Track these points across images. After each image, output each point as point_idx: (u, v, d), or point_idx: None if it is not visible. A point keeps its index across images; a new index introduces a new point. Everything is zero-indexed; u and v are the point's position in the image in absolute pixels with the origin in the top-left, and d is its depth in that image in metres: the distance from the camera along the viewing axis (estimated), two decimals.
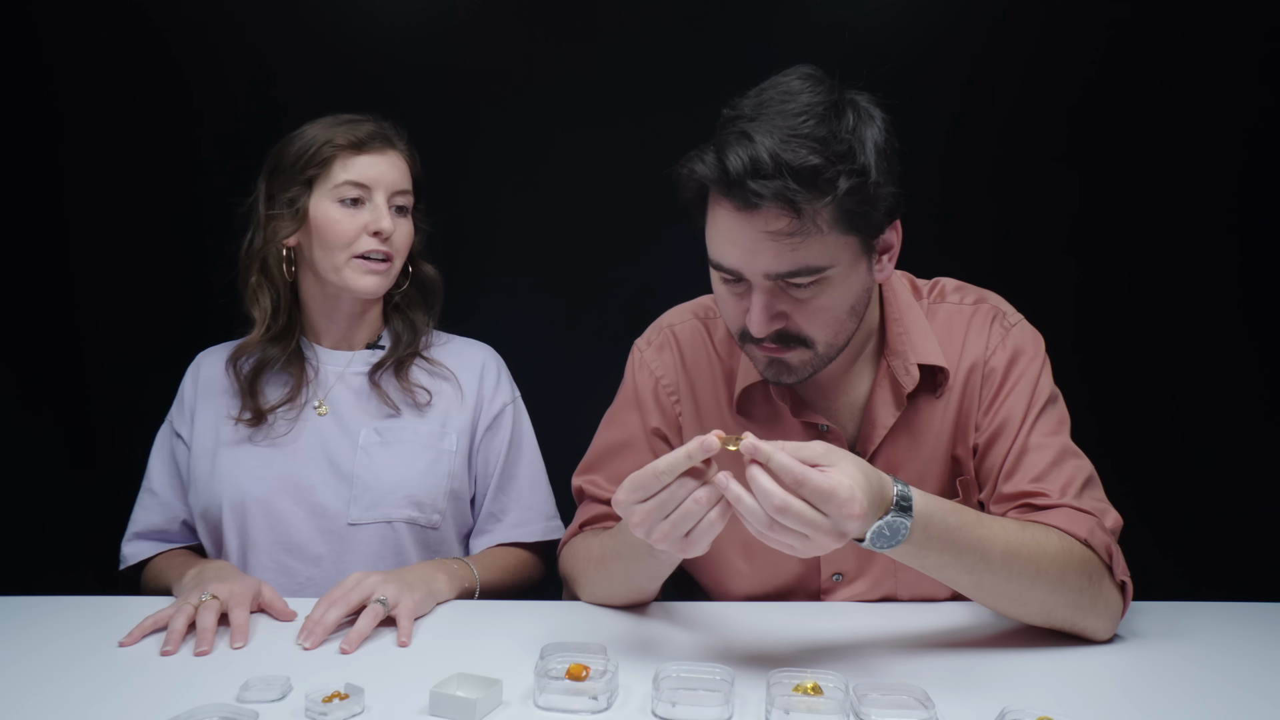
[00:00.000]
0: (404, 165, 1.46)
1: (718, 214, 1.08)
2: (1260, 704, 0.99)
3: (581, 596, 1.28)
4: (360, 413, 1.44)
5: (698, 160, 1.07)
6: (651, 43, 1.93)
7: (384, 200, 1.41)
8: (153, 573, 1.45)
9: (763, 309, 1.09)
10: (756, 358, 1.18)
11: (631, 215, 1.95)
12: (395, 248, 1.43)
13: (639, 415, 1.33)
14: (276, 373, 1.45)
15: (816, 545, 0.91)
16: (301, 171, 1.40)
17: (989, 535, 1.04)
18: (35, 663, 1.07)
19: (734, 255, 1.08)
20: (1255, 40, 1.86)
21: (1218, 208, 1.91)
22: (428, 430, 1.44)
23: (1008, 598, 1.08)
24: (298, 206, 1.40)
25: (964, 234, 1.86)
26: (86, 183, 1.96)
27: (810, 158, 1.01)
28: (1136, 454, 1.83)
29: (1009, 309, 1.29)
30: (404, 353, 1.48)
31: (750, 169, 1.01)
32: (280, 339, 1.44)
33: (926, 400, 1.25)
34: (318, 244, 1.41)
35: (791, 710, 0.89)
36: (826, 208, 1.04)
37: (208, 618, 1.11)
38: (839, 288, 1.10)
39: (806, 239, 1.04)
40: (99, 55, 1.92)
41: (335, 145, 1.40)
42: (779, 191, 1.01)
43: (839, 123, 1.05)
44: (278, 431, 1.42)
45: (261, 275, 1.43)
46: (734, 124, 1.06)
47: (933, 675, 1.01)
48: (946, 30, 1.89)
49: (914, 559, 1.01)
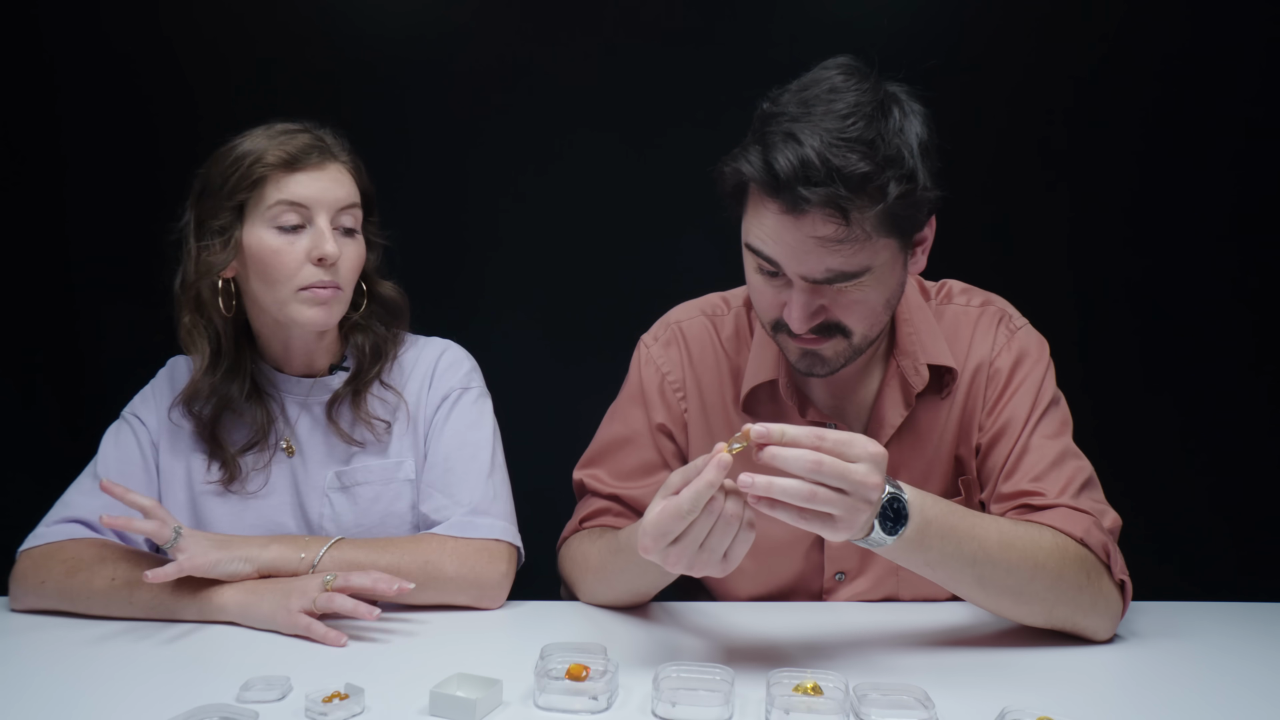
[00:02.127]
0: (348, 179, 1.30)
1: (762, 212, 1.06)
2: (1260, 704, 0.99)
3: (581, 598, 1.28)
4: (323, 454, 1.35)
5: (743, 159, 1.05)
6: (652, 47, 1.93)
7: (326, 222, 1.26)
8: (60, 562, 1.21)
9: (802, 307, 1.08)
10: (790, 349, 1.16)
11: (632, 219, 1.95)
12: (342, 275, 1.28)
13: (644, 411, 1.32)
14: (238, 416, 1.33)
15: (851, 511, 0.91)
16: (230, 196, 1.25)
17: (984, 527, 1.04)
18: (36, 662, 1.07)
19: (776, 252, 1.07)
20: (1254, 41, 1.86)
21: (1218, 207, 1.91)
22: (381, 465, 1.35)
23: (1010, 594, 1.08)
24: (229, 236, 1.25)
25: (963, 235, 1.86)
26: (87, 182, 1.97)
27: (860, 164, 0.99)
28: (1135, 454, 1.83)
29: (1014, 312, 1.30)
30: (364, 376, 1.36)
31: (800, 173, 0.99)
32: (232, 376, 1.31)
33: (932, 400, 1.26)
34: (256, 277, 1.27)
35: (791, 710, 0.89)
36: (874, 214, 1.02)
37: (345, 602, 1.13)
38: (877, 285, 1.09)
39: (851, 244, 1.03)
40: (101, 55, 1.93)
41: (266, 164, 1.24)
42: (829, 197, 0.99)
43: (885, 123, 1.03)
44: (251, 486, 1.33)
45: (195, 314, 1.29)
46: (777, 122, 1.03)
47: (933, 675, 1.01)
48: (945, 31, 1.89)
49: (915, 552, 1.00)
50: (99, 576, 1.19)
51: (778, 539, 1.25)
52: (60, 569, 1.21)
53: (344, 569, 1.19)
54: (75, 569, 1.20)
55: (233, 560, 1.17)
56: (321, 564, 1.20)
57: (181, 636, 1.14)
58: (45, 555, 1.23)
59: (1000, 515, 1.18)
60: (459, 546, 1.26)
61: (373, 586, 1.15)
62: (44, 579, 1.21)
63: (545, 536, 1.39)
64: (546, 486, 1.47)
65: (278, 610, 1.14)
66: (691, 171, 1.93)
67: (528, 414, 1.58)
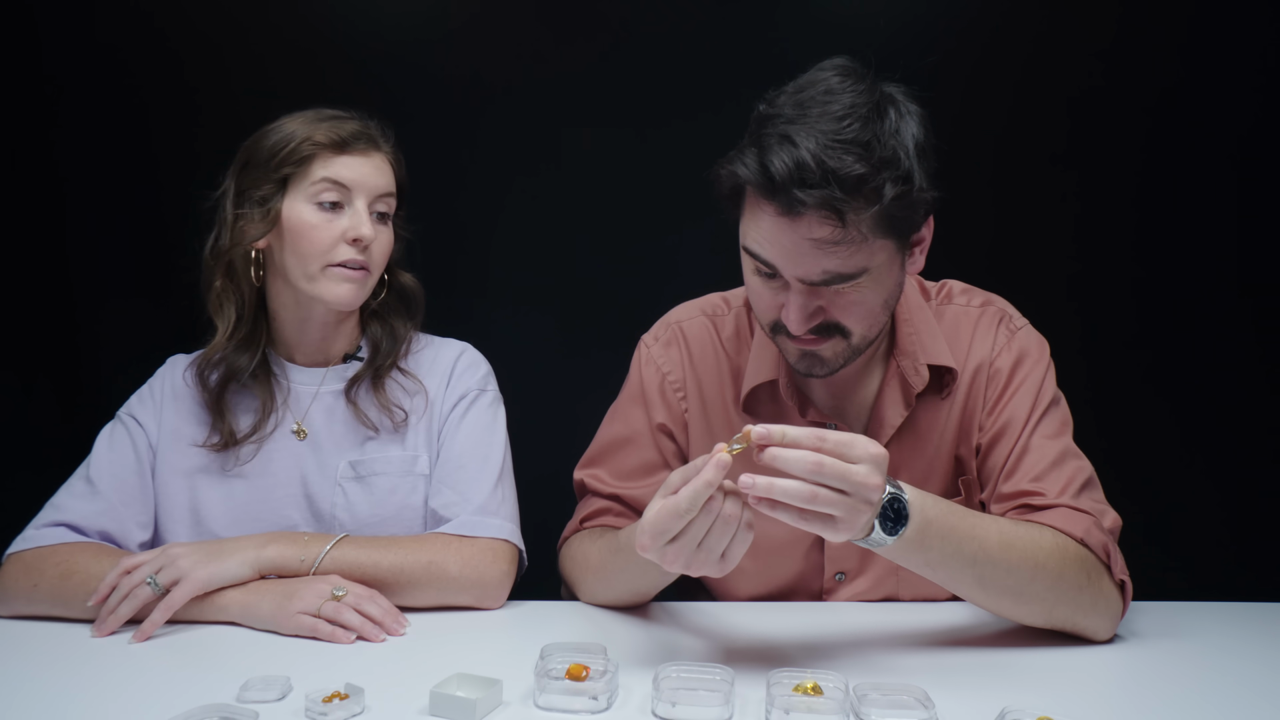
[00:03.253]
0: (389, 169, 1.36)
1: (758, 214, 1.07)
2: (1260, 704, 0.99)
3: (581, 598, 1.29)
4: (338, 438, 1.36)
5: (739, 162, 1.05)
6: (654, 44, 1.93)
7: (365, 205, 1.31)
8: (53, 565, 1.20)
9: (799, 309, 1.09)
10: (789, 350, 1.16)
11: (633, 217, 1.95)
12: (373, 258, 1.33)
13: (644, 410, 1.33)
14: (244, 392, 1.35)
15: (852, 512, 0.91)
16: (276, 169, 1.29)
17: (984, 527, 1.05)
18: (35, 663, 1.07)
19: (773, 255, 1.07)
20: (1255, 40, 1.86)
21: (1217, 208, 1.91)
22: (400, 456, 1.36)
23: (1010, 594, 1.07)
24: (269, 207, 1.29)
25: (962, 235, 1.86)
26: (87, 181, 1.96)
27: (856, 166, 1.00)
28: (1136, 454, 1.83)
29: (1015, 313, 1.31)
30: (382, 363, 1.38)
31: (795, 175, 1.00)
32: (245, 347, 1.34)
33: (932, 400, 1.26)
34: (290, 249, 1.30)
35: (791, 710, 0.89)
36: (870, 215, 1.02)
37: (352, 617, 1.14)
38: (875, 285, 1.10)
39: (848, 246, 1.03)
40: (100, 55, 1.93)
41: (315, 143, 1.29)
42: (824, 199, 1.00)
43: (881, 124, 1.03)
44: (243, 457, 1.33)
45: (227, 280, 1.32)
46: (773, 124, 1.04)
47: (933, 675, 1.01)
48: (945, 31, 1.89)
49: (916, 552, 1.00)
50: (95, 580, 1.17)
51: (777, 539, 1.25)
52: (54, 572, 1.20)
53: (348, 569, 1.20)
54: (69, 573, 1.20)
55: (227, 570, 1.17)
56: (323, 564, 1.20)
57: (182, 637, 1.14)
58: (37, 559, 1.22)
59: (1001, 515, 1.18)
60: (463, 547, 1.26)
61: (360, 628, 1.13)
62: (36, 582, 1.20)
63: (544, 537, 1.39)
64: (546, 486, 1.47)
65: (278, 613, 1.14)
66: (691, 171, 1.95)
67: (526, 415, 1.57)
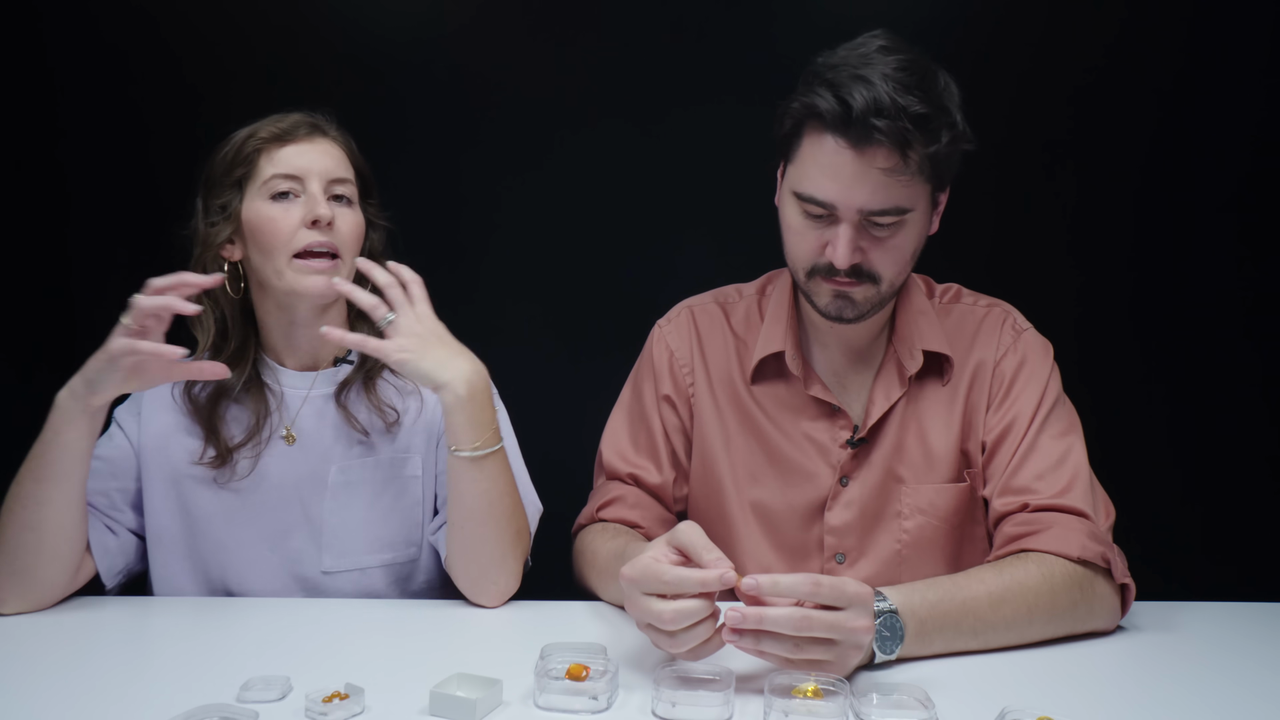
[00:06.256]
0: (339, 152, 1.36)
1: (820, 150, 1.14)
2: (1259, 704, 0.99)
3: (591, 589, 1.31)
4: (328, 442, 1.35)
5: (815, 95, 1.13)
6: (654, 45, 1.93)
7: (319, 189, 1.30)
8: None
9: (848, 241, 1.16)
10: (823, 291, 1.22)
11: (634, 217, 1.95)
12: (340, 239, 1.31)
13: (652, 383, 1.40)
14: (236, 403, 1.34)
15: (842, 655, 0.96)
16: (230, 174, 1.32)
17: (973, 595, 1.09)
18: (35, 662, 1.07)
19: (832, 189, 1.14)
20: (1257, 38, 1.86)
21: (1217, 208, 1.91)
22: (391, 459, 1.36)
23: (1010, 640, 1.11)
24: (230, 210, 1.31)
25: (963, 234, 1.87)
26: (87, 179, 1.96)
27: (919, 106, 1.10)
28: (1136, 454, 1.83)
29: (1020, 316, 1.34)
30: (373, 366, 1.37)
31: (871, 106, 1.09)
32: (234, 363, 1.32)
33: (933, 387, 1.30)
34: (255, 248, 1.31)
35: (791, 711, 0.89)
36: (926, 154, 1.12)
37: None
38: (912, 230, 1.19)
39: (906, 179, 1.13)
40: (101, 54, 1.92)
41: (259, 139, 1.31)
42: (896, 130, 1.09)
43: (935, 79, 1.15)
44: (240, 471, 1.32)
45: (204, 293, 1.29)
46: (839, 70, 1.13)
47: (933, 675, 1.01)
48: (946, 29, 1.89)
49: (918, 650, 1.05)
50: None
51: (774, 510, 1.31)
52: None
53: (500, 470, 1.24)
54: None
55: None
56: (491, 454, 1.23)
57: (182, 637, 1.14)
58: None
59: (995, 522, 1.22)
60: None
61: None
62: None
63: (542, 538, 1.39)
64: (543, 486, 1.47)
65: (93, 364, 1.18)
66: (691, 171, 1.95)
67: (524, 415, 1.57)
